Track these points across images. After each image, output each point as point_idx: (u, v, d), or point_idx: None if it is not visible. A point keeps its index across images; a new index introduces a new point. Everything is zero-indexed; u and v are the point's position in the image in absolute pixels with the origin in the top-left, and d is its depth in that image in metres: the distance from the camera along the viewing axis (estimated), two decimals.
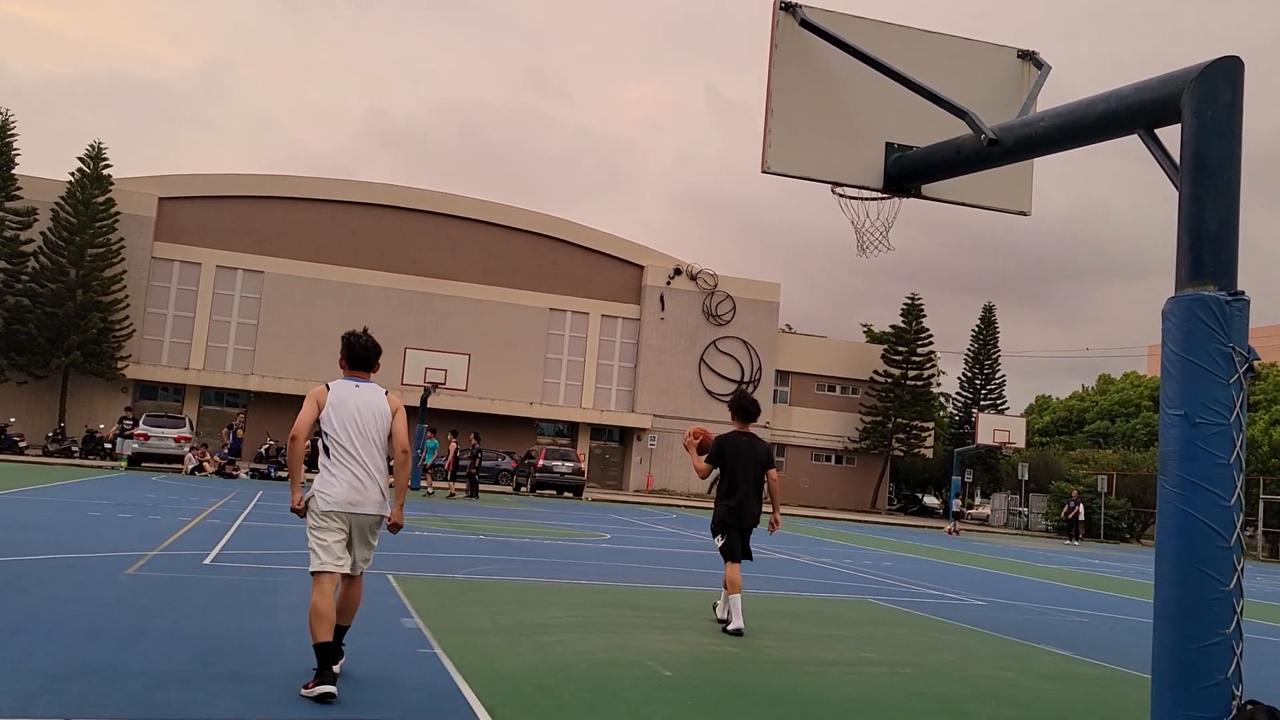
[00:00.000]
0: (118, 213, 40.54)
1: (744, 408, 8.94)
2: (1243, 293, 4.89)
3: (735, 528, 8.58)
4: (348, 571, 5.67)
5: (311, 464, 6.53)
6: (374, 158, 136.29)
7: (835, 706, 6.05)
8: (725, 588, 8.52)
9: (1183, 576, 4.78)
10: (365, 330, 6.04)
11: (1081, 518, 41.22)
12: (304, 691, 5.26)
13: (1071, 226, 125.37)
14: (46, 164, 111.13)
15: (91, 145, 40.67)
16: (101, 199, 40.14)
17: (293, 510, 5.74)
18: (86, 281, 39.27)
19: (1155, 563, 4.97)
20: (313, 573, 5.55)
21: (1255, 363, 4.89)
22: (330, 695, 5.21)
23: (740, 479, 8.63)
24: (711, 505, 9.07)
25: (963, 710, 6.22)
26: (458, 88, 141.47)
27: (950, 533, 35.64)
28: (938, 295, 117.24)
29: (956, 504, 39.02)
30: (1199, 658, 4.69)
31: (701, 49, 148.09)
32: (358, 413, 5.72)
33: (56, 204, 39.59)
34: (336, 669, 5.46)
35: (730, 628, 8.39)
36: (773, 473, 8.86)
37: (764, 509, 8.96)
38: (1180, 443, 4.86)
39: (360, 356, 5.89)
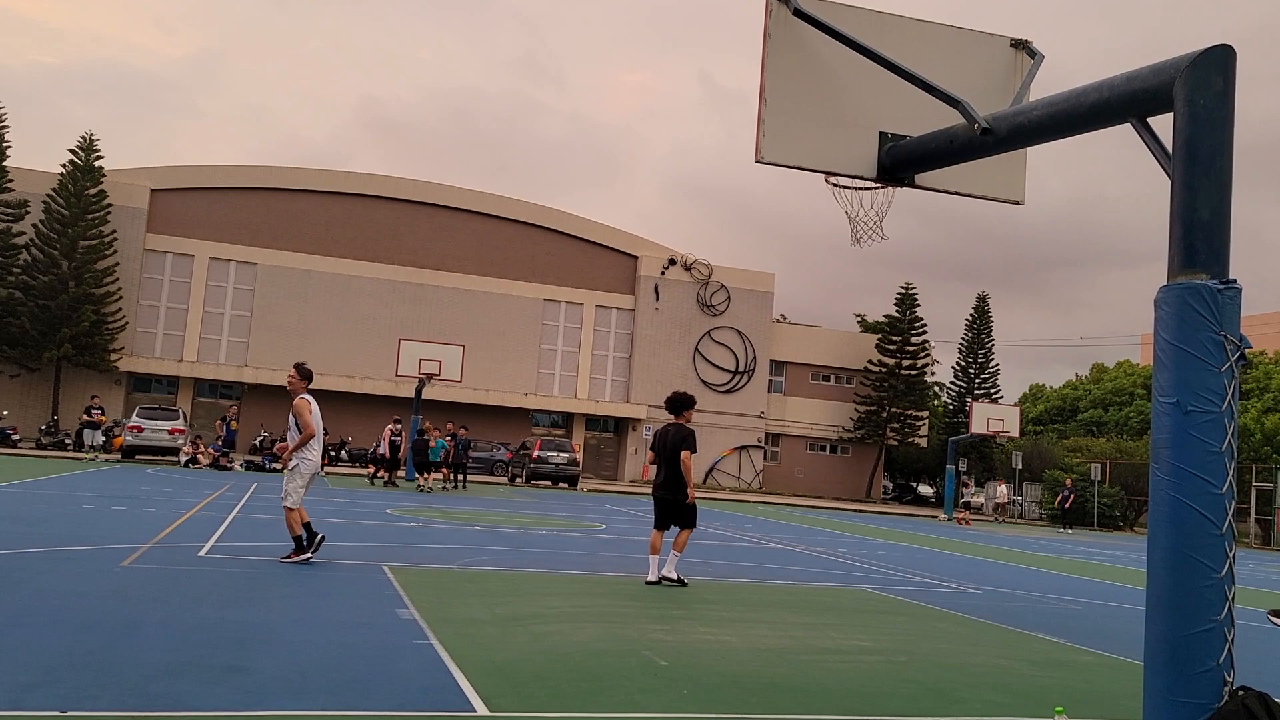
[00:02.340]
0: (109, 205, 40.44)
1: (671, 401, 10.98)
2: (1234, 281, 4.90)
3: (658, 500, 10.70)
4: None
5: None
6: (366, 147, 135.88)
7: (830, 695, 6.08)
8: (649, 549, 10.78)
9: (1175, 564, 4.80)
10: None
11: (1000, 498, 41.22)
12: (285, 559, 9.99)
13: (1066, 214, 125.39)
14: (37, 156, 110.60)
15: (83, 137, 40.57)
16: (93, 191, 40.03)
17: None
18: (79, 274, 39.18)
19: (1148, 550, 5.00)
20: (291, 506, 10.04)
21: (1247, 351, 4.91)
22: (307, 560, 9.93)
23: (659, 462, 10.82)
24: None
25: (957, 698, 6.25)
26: (450, 75, 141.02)
27: (961, 522, 34.88)
28: (931, 284, 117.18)
29: (964, 493, 38.66)
30: (1191, 644, 4.72)
31: (696, 36, 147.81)
32: (319, 413, 10.33)
33: (48, 196, 39.47)
34: (320, 548, 10.14)
35: (648, 578, 10.43)
36: (684, 455, 10.54)
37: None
38: (1172, 431, 4.88)
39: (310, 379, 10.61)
